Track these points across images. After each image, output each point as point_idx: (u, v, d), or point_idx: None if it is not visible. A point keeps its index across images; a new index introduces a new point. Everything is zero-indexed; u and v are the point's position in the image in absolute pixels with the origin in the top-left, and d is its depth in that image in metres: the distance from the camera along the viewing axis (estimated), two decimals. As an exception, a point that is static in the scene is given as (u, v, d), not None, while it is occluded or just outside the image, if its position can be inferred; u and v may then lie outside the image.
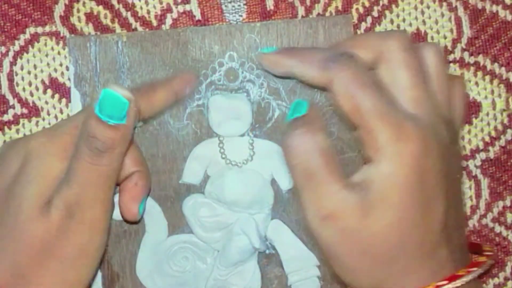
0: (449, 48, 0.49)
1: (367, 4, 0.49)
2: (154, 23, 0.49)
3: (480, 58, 0.49)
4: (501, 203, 0.50)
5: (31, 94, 0.49)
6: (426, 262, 0.38)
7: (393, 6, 0.49)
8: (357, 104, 0.38)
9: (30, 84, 0.49)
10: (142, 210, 0.44)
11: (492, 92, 0.49)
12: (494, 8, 0.49)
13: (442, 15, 0.49)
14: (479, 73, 0.49)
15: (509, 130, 0.49)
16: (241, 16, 0.49)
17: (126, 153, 0.42)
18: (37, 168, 0.40)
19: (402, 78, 0.39)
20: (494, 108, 0.49)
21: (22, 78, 0.49)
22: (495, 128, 0.49)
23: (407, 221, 0.38)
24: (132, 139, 0.43)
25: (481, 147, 0.49)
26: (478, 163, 0.49)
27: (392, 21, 0.49)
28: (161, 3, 0.49)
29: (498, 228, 0.50)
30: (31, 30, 0.49)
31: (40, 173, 0.40)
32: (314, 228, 0.39)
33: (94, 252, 0.41)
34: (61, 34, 0.49)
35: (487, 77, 0.49)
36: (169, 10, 0.49)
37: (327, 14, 0.49)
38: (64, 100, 0.49)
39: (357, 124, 0.39)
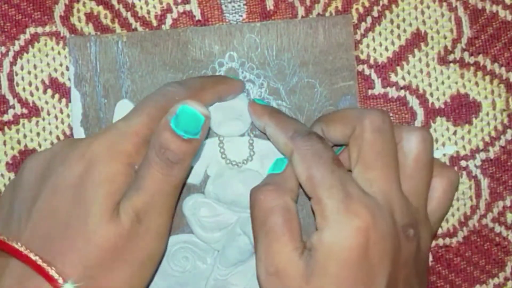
0: (449, 48, 0.49)
1: (367, 4, 0.49)
2: (154, 23, 0.49)
3: (480, 58, 0.49)
4: (501, 203, 0.50)
5: (31, 94, 0.49)
6: None
7: (393, 6, 0.49)
8: (310, 175, 0.41)
9: (30, 84, 0.49)
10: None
11: (492, 92, 0.49)
12: (494, 8, 0.49)
13: (442, 15, 0.49)
14: (479, 73, 0.49)
15: (509, 130, 0.49)
16: (241, 16, 0.49)
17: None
18: (104, 173, 0.40)
19: (364, 158, 0.41)
20: (494, 108, 0.49)
21: (22, 78, 0.49)
22: (495, 128, 0.49)
23: None
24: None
25: (481, 147, 0.49)
26: (478, 163, 0.49)
27: (392, 21, 0.49)
28: (161, 3, 0.49)
29: (498, 228, 0.50)
30: (31, 30, 0.49)
31: (108, 178, 0.40)
32: (261, 280, 0.41)
33: (158, 258, 0.42)
34: (61, 34, 0.49)
35: (487, 77, 0.49)
36: (169, 10, 0.49)
37: (327, 14, 0.49)
38: (64, 100, 0.49)
39: (310, 194, 0.41)
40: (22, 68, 0.49)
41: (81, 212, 0.40)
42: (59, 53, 0.49)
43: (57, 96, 0.49)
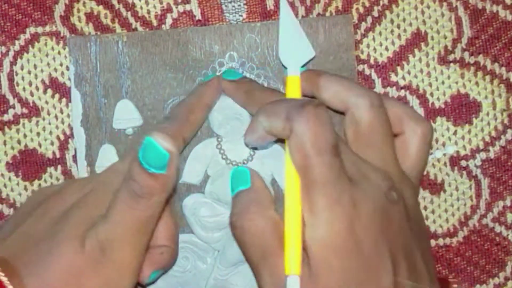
0: (450, 48, 0.49)
1: (367, 4, 0.49)
2: (154, 23, 0.49)
3: (480, 58, 0.49)
4: (501, 203, 0.50)
5: (31, 94, 0.49)
6: None
7: (393, 6, 0.49)
8: (306, 166, 0.38)
9: (30, 84, 0.49)
10: (152, 279, 0.44)
11: (493, 92, 0.49)
12: (494, 8, 0.49)
13: (442, 15, 0.49)
14: (479, 73, 0.49)
15: (509, 130, 0.49)
16: (241, 16, 0.49)
17: (166, 204, 0.42)
18: (90, 202, 0.41)
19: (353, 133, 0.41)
20: (494, 108, 0.49)
21: (22, 78, 0.49)
22: (495, 128, 0.49)
23: (354, 285, 0.38)
24: (172, 196, 0.44)
25: (481, 147, 0.49)
26: (479, 163, 0.49)
27: (392, 21, 0.49)
28: (161, 3, 0.49)
29: (498, 228, 0.50)
30: (31, 30, 0.49)
31: (85, 207, 0.40)
32: None
33: None
34: (61, 34, 0.49)
35: (487, 77, 0.49)
36: (169, 10, 0.49)
37: (327, 14, 0.49)
38: (64, 100, 0.49)
39: (301, 185, 0.39)
40: (22, 68, 0.49)
41: (53, 235, 0.40)
42: (59, 53, 0.49)
43: (57, 96, 0.49)
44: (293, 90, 0.44)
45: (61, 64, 0.49)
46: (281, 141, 0.41)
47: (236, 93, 0.46)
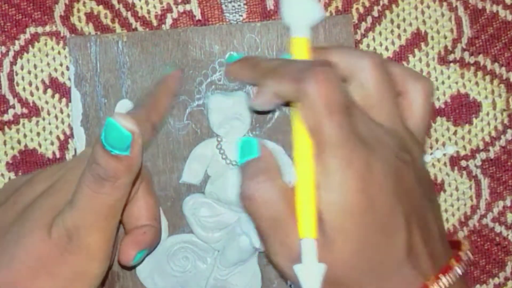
0: (449, 48, 0.49)
1: (367, 4, 0.49)
2: (154, 23, 0.49)
3: (480, 58, 0.49)
4: (501, 203, 0.50)
5: (31, 94, 0.49)
6: (393, 281, 0.38)
7: (393, 6, 0.49)
8: (318, 128, 0.38)
9: (30, 84, 0.49)
10: (138, 259, 0.43)
11: (493, 92, 0.49)
12: (494, 8, 0.49)
13: (442, 15, 0.49)
14: (479, 73, 0.49)
15: (509, 130, 0.49)
16: (241, 16, 0.49)
17: (135, 185, 0.41)
18: (58, 189, 0.40)
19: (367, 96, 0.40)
20: (494, 108, 0.49)
21: (22, 78, 0.49)
22: (495, 128, 0.49)
23: (369, 247, 0.38)
24: (151, 188, 0.44)
25: (481, 147, 0.49)
26: (479, 163, 0.49)
27: (392, 21, 0.49)
28: (161, 3, 0.49)
29: (498, 228, 0.50)
30: (31, 30, 0.49)
31: (47, 192, 0.40)
32: (287, 272, 0.39)
33: (90, 279, 0.40)
34: (61, 34, 0.49)
35: (487, 77, 0.49)
36: (169, 10, 0.49)
37: (327, 14, 0.49)
38: (64, 100, 0.49)
39: (313, 146, 0.38)
40: (22, 68, 0.49)
41: (21, 225, 0.39)
42: (59, 53, 0.49)
43: (57, 96, 0.49)
44: (301, 52, 0.42)
45: (61, 64, 0.49)
46: (287, 104, 0.40)
47: (242, 71, 0.45)
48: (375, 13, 0.49)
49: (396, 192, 0.38)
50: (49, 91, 0.49)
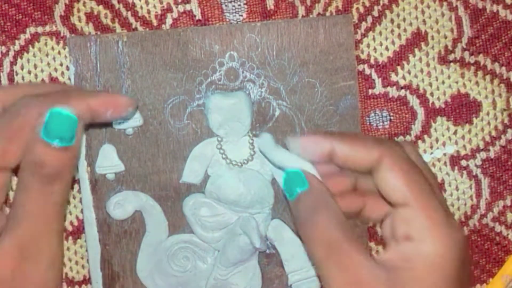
0: (450, 47, 0.49)
1: (367, 3, 0.49)
2: (155, 22, 0.49)
3: (481, 58, 0.49)
4: (501, 203, 0.50)
5: (32, 94, 0.49)
6: None
7: (394, 5, 0.49)
8: (413, 179, 0.37)
9: (30, 83, 0.49)
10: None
11: (493, 91, 0.49)
12: (495, 7, 0.49)
13: (443, 14, 0.49)
14: (480, 73, 0.49)
15: (509, 130, 0.49)
16: (241, 15, 0.49)
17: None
18: None
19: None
20: (494, 108, 0.49)
21: (23, 78, 0.49)
22: (496, 128, 0.49)
23: None
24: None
25: (481, 146, 0.49)
26: (479, 162, 0.49)
27: (392, 21, 0.49)
28: (161, 2, 0.49)
29: (498, 228, 0.50)
30: (31, 29, 0.49)
31: None
32: None
33: (54, 287, 0.39)
34: (62, 34, 0.49)
35: (488, 77, 0.49)
36: (169, 9, 0.49)
37: (328, 13, 0.49)
38: (64, 100, 0.49)
39: (405, 201, 0.37)
40: (22, 68, 0.49)
41: None
42: (59, 52, 0.49)
43: (57, 96, 0.49)
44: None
45: (61, 64, 0.49)
46: None
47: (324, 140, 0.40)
48: (375, 13, 0.49)
49: (463, 276, 0.37)
50: (49, 91, 0.49)
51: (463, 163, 0.49)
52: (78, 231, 0.49)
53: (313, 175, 0.40)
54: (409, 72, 0.49)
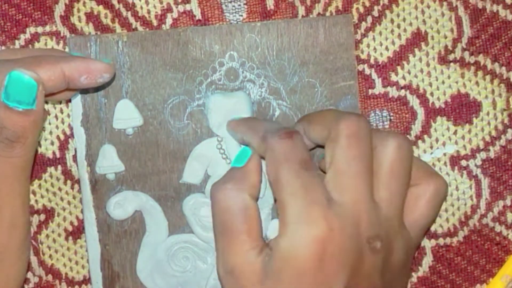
0: (450, 47, 0.49)
1: (367, 3, 0.49)
2: (155, 23, 0.49)
3: (481, 58, 0.49)
4: (501, 203, 0.50)
5: (32, 94, 0.49)
6: None
7: (394, 5, 0.49)
8: (276, 178, 0.39)
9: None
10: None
11: (493, 91, 0.49)
12: (495, 7, 0.49)
13: (443, 14, 0.49)
14: (480, 73, 0.49)
15: (509, 130, 0.49)
16: (241, 15, 0.49)
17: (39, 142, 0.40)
18: None
19: (336, 163, 0.39)
20: (494, 108, 0.49)
21: (23, 78, 0.49)
22: (496, 128, 0.49)
23: None
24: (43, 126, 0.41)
25: (481, 146, 0.49)
26: (479, 162, 0.49)
27: (392, 21, 0.49)
28: (161, 2, 0.49)
29: (498, 228, 0.50)
30: (31, 30, 0.49)
31: None
32: (219, 278, 0.41)
33: (16, 250, 0.40)
34: (62, 34, 0.49)
35: (488, 77, 0.49)
36: (169, 9, 0.49)
37: (328, 13, 0.49)
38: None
39: (275, 196, 0.40)
40: (22, 68, 0.49)
41: None
42: (59, 52, 0.49)
43: (57, 96, 0.49)
44: None
45: (61, 64, 0.49)
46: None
47: (234, 125, 0.46)
48: (375, 13, 0.49)
49: (348, 270, 0.38)
50: (49, 91, 0.49)
51: (463, 163, 0.49)
52: (78, 231, 0.49)
53: (257, 161, 0.43)
54: (409, 72, 0.49)
